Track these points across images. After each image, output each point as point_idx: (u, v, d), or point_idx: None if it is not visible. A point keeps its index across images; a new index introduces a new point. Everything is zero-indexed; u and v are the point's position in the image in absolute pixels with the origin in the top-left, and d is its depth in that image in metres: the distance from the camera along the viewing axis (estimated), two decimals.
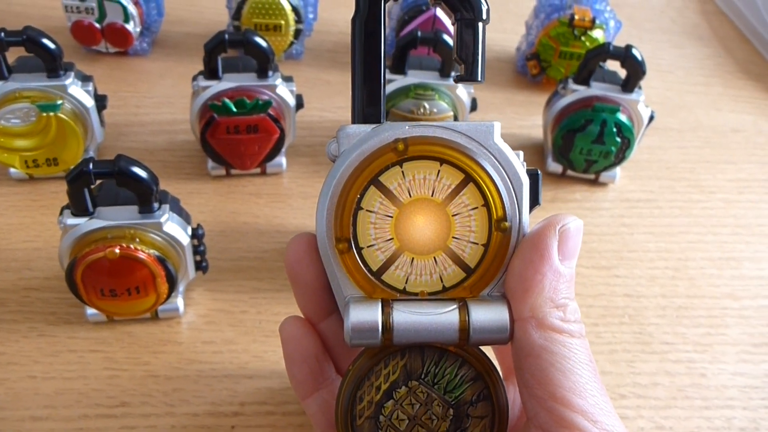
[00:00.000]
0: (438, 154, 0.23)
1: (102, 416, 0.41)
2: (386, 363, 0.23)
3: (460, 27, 0.25)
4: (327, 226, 0.23)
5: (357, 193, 0.23)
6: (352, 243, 0.23)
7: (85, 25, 0.64)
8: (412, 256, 0.23)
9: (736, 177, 0.65)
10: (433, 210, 0.23)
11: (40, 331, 0.45)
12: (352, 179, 0.23)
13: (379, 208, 0.23)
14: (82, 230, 0.41)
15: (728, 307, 0.52)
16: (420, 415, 0.23)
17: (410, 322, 0.22)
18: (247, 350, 0.45)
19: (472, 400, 0.23)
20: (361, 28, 0.24)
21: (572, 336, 0.22)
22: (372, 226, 0.23)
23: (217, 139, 0.53)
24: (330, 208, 0.23)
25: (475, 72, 0.25)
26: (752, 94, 0.76)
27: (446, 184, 0.23)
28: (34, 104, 0.50)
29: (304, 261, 0.25)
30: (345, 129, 0.23)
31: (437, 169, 0.23)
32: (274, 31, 0.67)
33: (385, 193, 0.23)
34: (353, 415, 0.23)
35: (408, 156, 0.23)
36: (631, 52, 0.54)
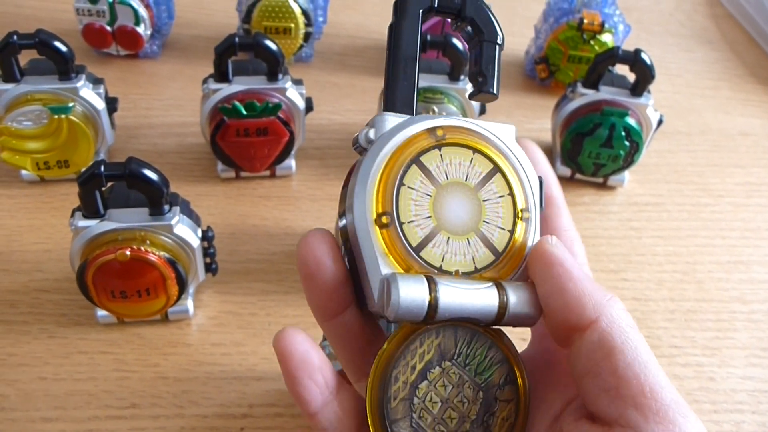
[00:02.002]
0: (471, 144, 0.25)
1: (112, 417, 0.41)
2: (421, 342, 0.23)
3: (481, 46, 0.26)
4: (368, 201, 0.23)
5: (400, 170, 0.24)
6: (395, 217, 0.23)
7: (96, 28, 0.65)
8: (448, 236, 0.24)
9: (745, 180, 0.64)
10: (466, 193, 0.24)
11: (50, 332, 0.45)
12: (395, 157, 0.24)
13: (419, 186, 0.24)
14: (93, 232, 0.42)
15: (737, 310, 0.52)
16: (452, 398, 0.23)
17: (454, 297, 0.22)
18: (255, 352, 0.45)
19: (500, 383, 0.24)
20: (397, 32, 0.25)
21: (634, 329, 0.23)
22: (413, 202, 0.24)
23: (227, 141, 0.53)
24: (371, 185, 0.23)
25: (491, 84, 0.26)
26: (761, 97, 0.76)
27: (478, 171, 0.25)
28: (46, 107, 0.51)
29: (320, 257, 0.24)
30: (381, 115, 0.25)
31: (470, 156, 0.25)
32: (283, 34, 0.67)
33: (425, 172, 0.24)
34: (388, 398, 0.23)
35: (445, 142, 0.24)
36: (640, 57, 0.54)
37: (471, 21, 0.26)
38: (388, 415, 0.22)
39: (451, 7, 0.26)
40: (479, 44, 0.26)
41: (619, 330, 0.22)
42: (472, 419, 0.23)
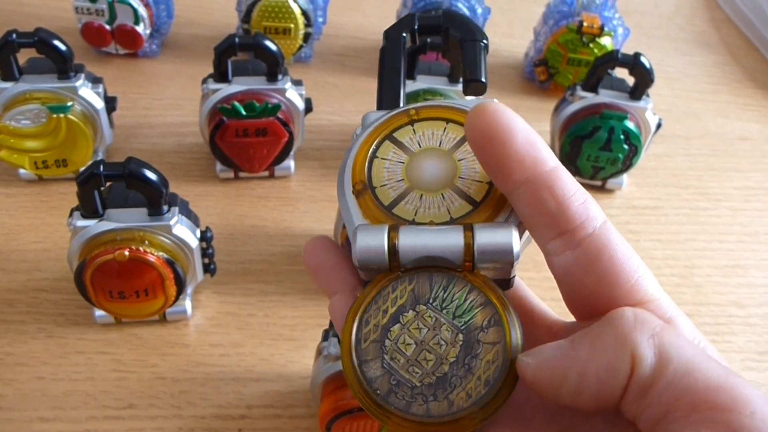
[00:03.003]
0: (444, 115, 0.26)
1: (109, 418, 0.41)
2: (394, 288, 0.23)
3: (463, 47, 0.28)
4: (347, 176, 0.25)
5: (372, 145, 0.26)
6: (368, 184, 0.25)
7: (95, 27, 0.65)
8: (421, 193, 0.25)
9: (743, 185, 0.65)
10: (440, 155, 0.25)
11: (48, 332, 0.45)
12: (370, 139, 0.26)
13: (392, 156, 0.25)
14: (92, 232, 0.41)
15: (734, 314, 0.52)
16: (428, 340, 0.23)
17: (415, 241, 0.23)
18: (254, 353, 0.45)
19: (482, 326, 0.23)
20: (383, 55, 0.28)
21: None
22: (386, 170, 0.25)
23: (226, 142, 0.53)
24: (350, 164, 0.25)
25: (478, 73, 0.27)
26: (760, 102, 0.76)
27: (452, 137, 0.26)
28: (45, 105, 0.51)
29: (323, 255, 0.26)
30: (368, 114, 0.27)
31: (444, 126, 0.26)
32: (283, 34, 0.67)
33: (398, 145, 0.26)
34: (358, 339, 0.23)
35: (418, 118, 0.26)
36: (639, 60, 0.54)
37: (448, 30, 0.28)
38: (358, 356, 0.22)
39: (433, 24, 0.29)
40: (461, 46, 0.28)
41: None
42: (451, 361, 0.22)
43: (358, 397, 0.22)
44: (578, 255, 0.23)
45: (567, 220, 0.22)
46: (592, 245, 0.22)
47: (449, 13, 0.29)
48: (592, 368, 0.20)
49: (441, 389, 0.22)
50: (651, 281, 0.23)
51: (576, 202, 0.22)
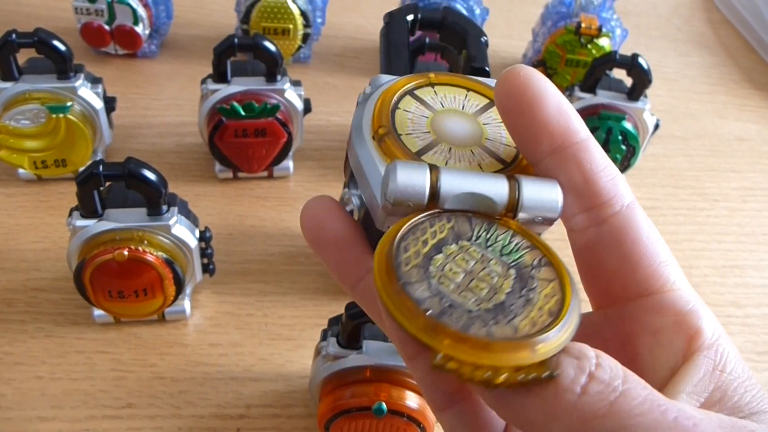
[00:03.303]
0: (465, 84, 0.26)
1: (108, 417, 0.41)
2: (431, 224, 0.21)
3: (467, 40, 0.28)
4: (365, 124, 0.23)
5: (394, 98, 0.24)
6: (392, 129, 0.23)
7: (94, 27, 0.65)
8: (450, 146, 0.23)
9: (741, 185, 0.65)
10: (465, 117, 0.24)
11: (47, 331, 0.45)
12: (390, 91, 0.24)
13: (415, 110, 0.24)
14: (91, 232, 0.42)
15: (732, 315, 0.52)
16: (477, 271, 0.20)
17: (459, 181, 0.21)
18: (253, 353, 0.46)
19: (533, 264, 0.21)
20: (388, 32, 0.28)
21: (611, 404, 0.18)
22: (409, 120, 0.24)
23: (225, 142, 0.53)
24: (368, 111, 0.24)
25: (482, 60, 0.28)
26: (757, 103, 0.76)
27: (474, 104, 0.25)
28: (44, 105, 0.51)
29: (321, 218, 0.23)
30: (377, 76, 0.26)
31: (465, 93, 0.25)
32: (282, 35, 0.67)
33: (420, 101, 0.24)
34: (398, 263, 0.20)
35: (438, 82, 0.25)
36: (637, 61, 0.54)
37: (452, 25, 0.28)
38: (400, 277, 0.19)
39: (433, 18, 0.28)
40: (464, 40, 0.28)
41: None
42: (506, 291, 0.20)
43: (402, 321, 0.18)
44: (602, 232, 0.22)
45: (594, 195, 0.21)
46: (617, 224, 0.22)
47: (451, 10, 0.29)
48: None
49: (501, 315, 0.19)
50: (674, 268, 0.22)
51: (605, 178, 0.21)
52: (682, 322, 0.22)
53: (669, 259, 0.22)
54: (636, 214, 0.22)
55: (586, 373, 0.17)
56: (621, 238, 0.22)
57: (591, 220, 0.22)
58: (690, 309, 0.22)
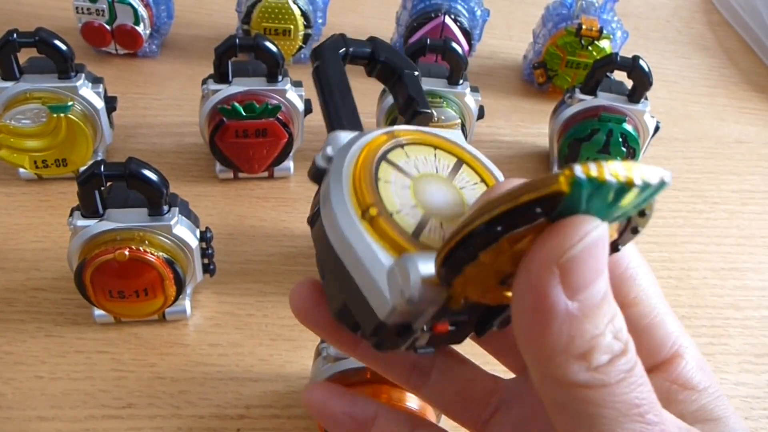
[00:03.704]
0: (430, 142, 0.25)
1: (108, 417, 0.41)
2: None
3: (402, 76, 0.28)
4: (347, 201, 0.22)
5: (372, 167, 0.23)
6: (383, 209, 0.22)
7: (95, 27, 0.65)
8: (440, 221, 0.23)
9: (740, 188, 0.65)
10: (442, 182, 0.24)
11: (47, 331, 0.45)
12: (362, 159, 0.23)
13: (395, 179, 0.23)
14: (92, 232, 0.42)
15: (731, 317, 0.52)
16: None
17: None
18: (252, 353, 0.46)
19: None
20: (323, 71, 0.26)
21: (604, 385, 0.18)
22: (394, 194, 0.22)
23: (226, 142, 0.53)
24: (346, 184, 0.22)
25: (423, 104, 0.27)
26: (757, 105, 0.77)
27: (445, 164, 0.25)
28: (45, 105, 0.51)
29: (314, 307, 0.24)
30: (334, 133, 0.25)
31: (433, 153, 0.25)
32: (283, 35, 0.67)
33: (396, 168, 0.23)
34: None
35: (406, 142, 0.25)
36: (638, 63, 0.55)
37: (384, 61, 0.28)
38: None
39: (363, 54, 0.28)
40: (399, 77, 0.28)
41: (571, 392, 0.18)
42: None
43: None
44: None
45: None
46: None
47: (379, 42, 0.28)
48: None
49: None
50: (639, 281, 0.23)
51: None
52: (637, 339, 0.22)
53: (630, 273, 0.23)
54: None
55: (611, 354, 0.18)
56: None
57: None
58: (642, 325, 0.23)
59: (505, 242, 0.18)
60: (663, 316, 0.23)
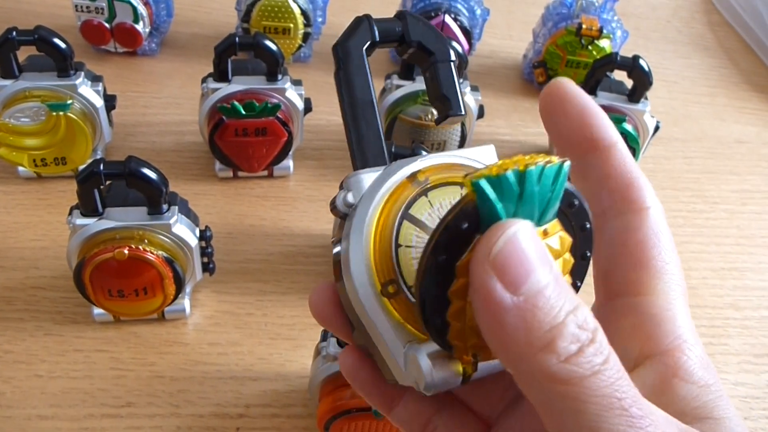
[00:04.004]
0: (457, 179, 0.23)
1: (107, 416, 0.41)
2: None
3: (436, 68, 0.25)
4: (367, 273, 0.21)
5: (392, 230, 0.22)
6: (402, 284, 0.21)
7: (94, 25, 0.65)
8: None
9: (740, 188, 0.65)
10: None
11: (46, 330, 0.45)
12: (383, 217, 0.22)
13: (416, 241, 0.22)
14: (91, 230, 0.42)
15: (730, 317, 0.52)
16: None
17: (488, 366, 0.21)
18: (252, 352, 0.45)
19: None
20: (346, 79, 0.24)
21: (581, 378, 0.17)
22: (415, 261, 0.21)
23: (226, 141, 0.53)
24: (366, 255, 0.21)
25: (456, 106, 0.25)
26: (757, 105, 0.77)
27: None
28: (44, 103, 0.51)
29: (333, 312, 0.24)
30: (355, 176, 0.23)
31: (459, 192, 0.23)
32: (282, 34, 0.67)
33: (418, 225, 0.22)
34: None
35: (430, 186, 0.22)
36: (638, 63, 0.55)
37: (418, 44, 0.25)
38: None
39: (393, 35, 0.25)
40: (432, 66, 0.25)
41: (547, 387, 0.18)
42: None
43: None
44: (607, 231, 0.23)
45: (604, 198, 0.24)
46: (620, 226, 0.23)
47: (410, 21, 0.25)
48: None
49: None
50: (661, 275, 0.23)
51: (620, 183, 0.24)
52: (640, 327, 0.22)
53: (659, 265, 0.23)
54: (641, 220, 0.24)
55: (578, 343, 0.18)
56: (616, 239, 0.23)
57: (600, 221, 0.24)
58: (652, 313, 0.23)
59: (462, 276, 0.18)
60: (676, 312, 0.23)
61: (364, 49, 0.24)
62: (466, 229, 0.18)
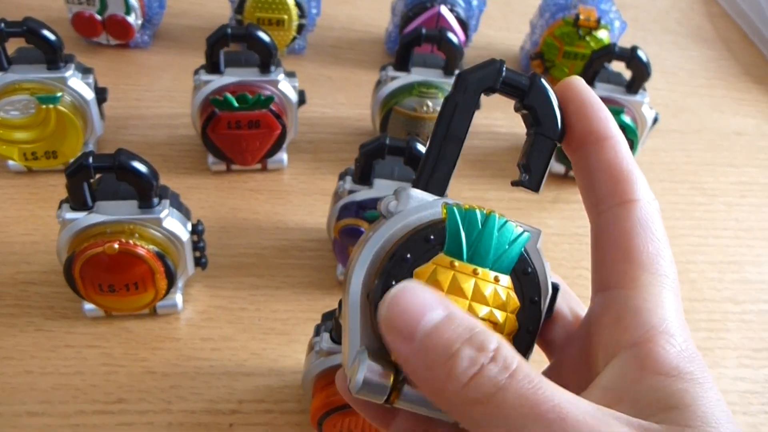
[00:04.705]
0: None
1: (99, 412, 0.41)
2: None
3: (537, 140, 0.25)
4: (366, 277, 0.23)
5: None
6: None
7: (86, 17, 0.64)
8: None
9: (739, 180, 0.64)
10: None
11: (37, 325, 0.45)
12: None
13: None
14: (81, 225, 0.41)
15: (729, 311, 0.52)
16: None
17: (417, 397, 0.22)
18: (245, 347, 0.45)
19: None
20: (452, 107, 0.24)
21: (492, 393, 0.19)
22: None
23: (219, 134, 0.53)
24: (374, 259, 0.23)
25: (537, 184, 0.25)
26: (756, 97, 0.76)
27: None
28: (34, 96, 0.50)
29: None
30: (409, 190, 0.24)
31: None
32: (276, 25, 0.66)
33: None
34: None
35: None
36: (636, 54, 0.54)
37: (531, 108, 0.25)
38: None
39: (515, 90, 0.25)
40: (534, 135, 0.25)
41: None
42: None
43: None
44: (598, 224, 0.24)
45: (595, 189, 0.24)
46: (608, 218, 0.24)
47: (539, 87, 0.25)
48: None
49: None
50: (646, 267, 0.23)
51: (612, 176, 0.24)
52: (620, 319, 0.23)
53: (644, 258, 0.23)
54: (629, 212, 0.24)
55: (478, 365, 0.19)
56: (605, 232, 0.24)
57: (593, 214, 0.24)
58: (633, 305, 0.23)
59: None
60: (657, 303, 0.22)
61: (482, 88, 0.24)
62: (432, 241, 0.22)
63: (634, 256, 0.23)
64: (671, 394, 0.20)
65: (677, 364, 0.21)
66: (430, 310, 0.19)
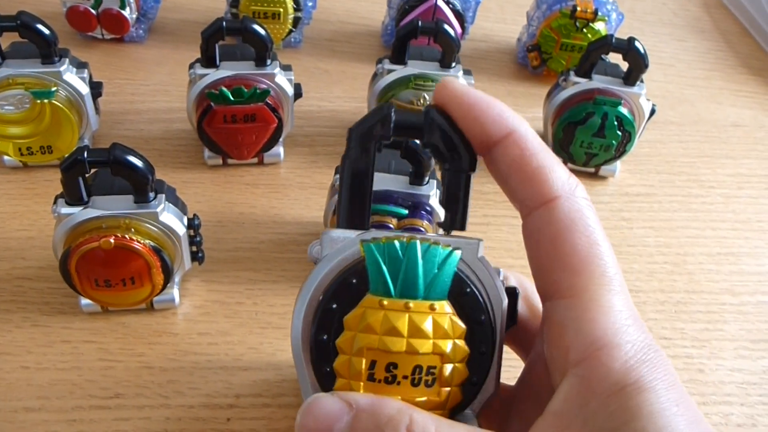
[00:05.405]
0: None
1: (96, 407, 0.41)
2: None
3: (449, 176, 0.24)
4: (303, 328, 0.23)
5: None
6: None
7: (80, 11, 0.64)
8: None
9: (736, 172, 0.64)
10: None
11: (33, 321, 0.45)
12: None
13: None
14: (77, 219, 0.41)
15: (727, 302, 0.52)
16: None
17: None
18: (242, 342, 0.45)
19: None
20: (350, 167, 0.24)
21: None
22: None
23: (214, 128, 0.52)
24: (307, 311, 0.23)
25: (459, 222, 0.25)
26: (753, 88, 0.76)
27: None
28: (28, 91, 0.50)
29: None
30: (329, 234, 0.23)
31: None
32: (272, 19, 0.66)
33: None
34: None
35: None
36: (633, 45, 0.54)
37: (433, 146, 0.24)
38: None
39: (414, 128, 0.24)
40: (445, 171, 0.25)
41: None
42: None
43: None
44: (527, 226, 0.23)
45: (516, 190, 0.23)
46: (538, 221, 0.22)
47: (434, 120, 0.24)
48: None
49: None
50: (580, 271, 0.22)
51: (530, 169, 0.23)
52: (562, 336, 0.22)
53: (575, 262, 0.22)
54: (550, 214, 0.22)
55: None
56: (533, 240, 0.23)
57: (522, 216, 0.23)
58: (572, 318, 0.22)
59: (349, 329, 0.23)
60: (597, 313, 0.21)
61: (372, 140, 0.24)
62: (355, 284, 0.22)
63: (566, 263, 0.22)
64: (617, 413, 0.20)
65: (621, 377, 0.20)
66: (337, 421, 0.21)
